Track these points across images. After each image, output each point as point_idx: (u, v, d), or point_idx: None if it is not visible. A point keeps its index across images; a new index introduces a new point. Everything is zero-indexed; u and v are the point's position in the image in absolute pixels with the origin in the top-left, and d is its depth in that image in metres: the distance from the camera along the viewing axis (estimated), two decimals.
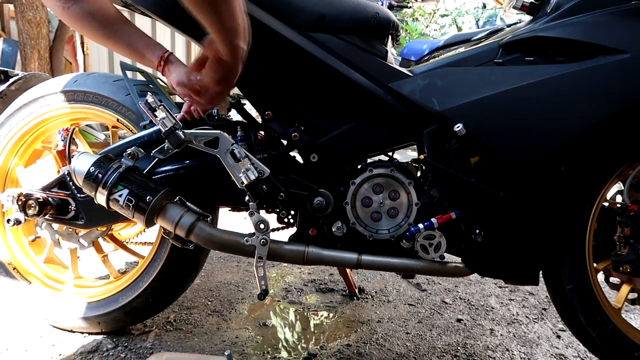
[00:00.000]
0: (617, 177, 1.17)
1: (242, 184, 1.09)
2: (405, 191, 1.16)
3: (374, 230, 1.17)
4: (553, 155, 1.05)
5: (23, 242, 1.43)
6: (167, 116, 1.09)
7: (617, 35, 1.02)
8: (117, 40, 1.13)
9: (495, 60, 1.12)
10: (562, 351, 1.47)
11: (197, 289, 1.75)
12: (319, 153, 1.19)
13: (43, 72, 3.61)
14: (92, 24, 1.11)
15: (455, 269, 1.18)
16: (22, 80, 1.55)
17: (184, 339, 1.41)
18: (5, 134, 1.36)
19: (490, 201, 1.10)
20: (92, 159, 1.10)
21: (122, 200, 1.07)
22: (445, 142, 1.15)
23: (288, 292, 1.78)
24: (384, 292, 1.83)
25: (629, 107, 1.02)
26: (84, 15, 1.10)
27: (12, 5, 3.83)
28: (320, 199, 1.16)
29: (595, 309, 1.18)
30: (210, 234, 1.15)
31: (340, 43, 1.15)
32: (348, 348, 1.42)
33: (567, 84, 1.04)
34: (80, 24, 1.12)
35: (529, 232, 1.12)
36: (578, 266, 1.17)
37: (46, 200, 1.22)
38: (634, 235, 1.13)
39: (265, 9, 1.13)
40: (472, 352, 1.43)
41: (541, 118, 1.05)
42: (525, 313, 1.72)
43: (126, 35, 1.13)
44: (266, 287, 1.16)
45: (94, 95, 1.29)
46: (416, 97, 1.12)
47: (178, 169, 1.18)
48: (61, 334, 1.40)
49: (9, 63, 4.10)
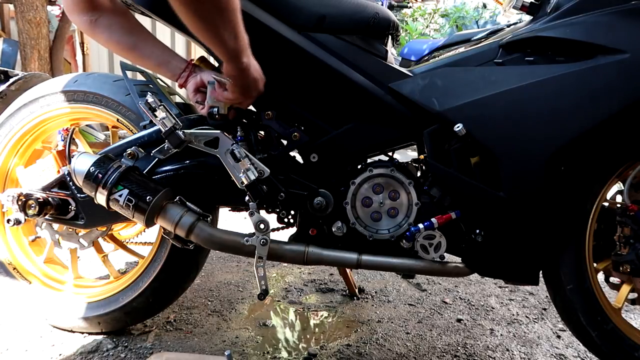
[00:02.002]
0: (617, 177, 1.17)
1: (242, 184, 1.10)
2: (405, 191, 1.16)
3: (374, 230, 1.17)
4: (553, 155, 1.06)
5: (23, 242, 1.43)
6: (167, 116, 1.09)
7: (617, 35, 1.02)
8: (143, 50, 1.15)
9: (496, 60, 1.12)
10: (562, 351, 1.47)
11: (197, 289, 1.75)
12: (319, 153, 1.19)
13: (43, 72, 3.61)
14: (119, 35, 1.13)
15: (455, 269, 1.18)
16: (22, 80, 1.55)
17: (184, 339, 1.41)
18: (5, 134, 1.36)
19: (490, 201, 1.10)
20: (92, 159, 1.10)
21: (122, 200, 1.07)
22: (445, 142, 1.15)
23: (288, 292, 1.78)
24: (384, 292, 1.83)
25: (629, 107, 1.02)
26: (111, 27, 1.11)
27: (12, 5, 3.82)
28: (320, 199, 1.16)
29: (595, 309, 1.18)
30: (210, 234, 1.15)
31: (341, 43, 1.15)
32: (348, 348, 1.42)
33: (567, 84, 1.04)
34: (109, 36, 1.13)
35: (529, 232, 1.12)
36: (578, 266, 1.17)
37: (46, 200, 1.22)
38: (634, 235, 1.13)
39: (265, 9, 1.13)
40: (472, 352, 1.43)
41: (541, 118, 1.05)
42: (525, 313, 1.72)
43: (150, 45, 1.15)
44: (266, 287, 1.16)
45: (94, 95, 1.29)
46: (416, 97, 1.12)
47: (178, 169, 1.18)
48: (61, 334, 1.40)
49: (9, 63, 4.09)
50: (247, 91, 1.08)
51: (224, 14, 0.91)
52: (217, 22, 0.92)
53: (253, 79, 1.06)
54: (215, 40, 0.95)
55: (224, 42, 0.96)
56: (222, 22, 0.92)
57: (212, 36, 0.94)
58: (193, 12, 0.89)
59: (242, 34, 0.96)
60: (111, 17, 1.12)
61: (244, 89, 1.07)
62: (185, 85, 1.17)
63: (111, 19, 1.12)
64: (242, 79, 1.05)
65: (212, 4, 0.88)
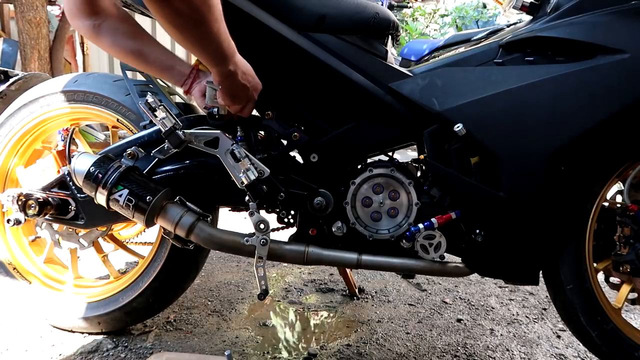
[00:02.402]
0: (617, 177, 1.17)
1: (242, 184, 1.10)
2: (405, 191, 1.16)
3: (374, 230, 1.17)
4: (553, 155, 1.06)
5: (23, 242, 1.43)
6: (167, 116, 1.09)
7: (617, 35, 1.02)
8: (147, 55, 1.12)
9: (495, 60, 1.12)
10: (562, 351, 1.47)
11: (197, 289, 1.75)
12: (319, 153, 1.19)
13: (43, 72, 3.61)
14: (123, 40, 1.10)
15: (455, 269, 1.18)
16: (22, 80, 1.55)
17: (184, 339, 1.41)
18: (5, 134, 1.36)
19: (490, 201, 1.10)
20: (92, 159, 1.10)
21: (122, 200, 1.07)
22: (445, 142, 1.15)
23: (288, 292, 1.78)
24: (384, 292, 1.83)
25: (629, 107, 1.02)
26: (115, 32, 1.09)
27: (12, 5, 3.82)
28: (320, 199, 1.16)
29: (595, 309, 1.18)
30: (210, 234, 1.15)
31: (341, 43, 1.15)
32: (348, 348, 1.42)
33: (567, 84, 1.04)
34: (112, 41, 1.10)
35: (529, 232, 1.12)
36: (578, 266, 1.17)
37: (46, 200, 1.22)
38: (634, 235, 1.13)
39: (265, 9, 1.13)
40: (472, 352, 1.43)
41: (541, 118, 1.05)
42: (525, 313, 1.72)
43: (154, 50, 1.13)
44: (266, 287, 1.16)
45: (94, 95, 1.29)
46: (416, 97, 1.12)
47: (178, 169, 1.18)
48: (61, 334, 1.40)
49: (9, 63, 4.09)
50: (236, 98, 1.08)
51: (203, 26, 0.89)
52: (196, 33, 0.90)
53: (242, 86, 1.06)
54: (197, 49, 0.94)
55: (206, 51, 0.95)
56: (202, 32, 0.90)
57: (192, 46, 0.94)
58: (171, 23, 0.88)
59: (225, 42, 0.95)
60: (115, 22, 1.09)
61: (233, 96, 1.07)
62: (190, 92, 1.16)
63: (115, 24, 1.09)
64: (229, 86, 1.04)
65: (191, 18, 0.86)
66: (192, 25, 0.88)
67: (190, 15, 0.86)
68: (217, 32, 0.92)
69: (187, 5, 0.84)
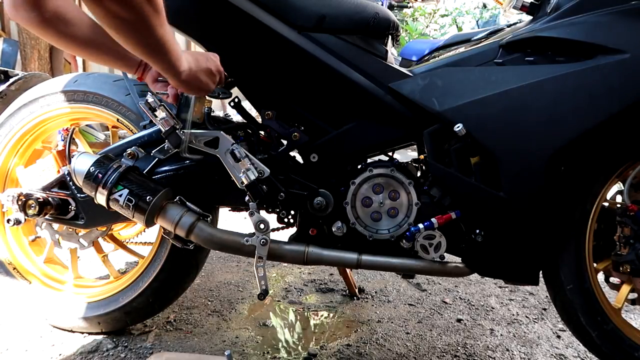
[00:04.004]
0: (617, 177, 1.17)
1: (242, 184, 1.10)
2: (405, 191, 1.16)
3: (374, 230, 1.17)
4: (553, 155, 1.05)
5: (23, 242, 1.43)
6: (167, 116, 1.09)
7: (617, 35, 1.02)
8: (100, 46, 1.03)
9: (496, 61, 1.12)
10: (562, 351, 1.47)
11: (197, 289, 1.75)
12: (319, 153, 1.19)
13: (43, 72, 3.61)
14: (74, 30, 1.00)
15: (455, 269, 1.18)
16: (22, 80, 1.55)
17: (184, 339, 1.41)
18: (5, 134, 1.36)
19: (490, 201, 1.10)
20: (92, 159, 1.10)
21: (122, 200, 1.07)
22: (445, 142, 1.15)
23: (288, 292, 1.78)
24: (384, 292, 1.83)
25: (629, 107, 1.02)
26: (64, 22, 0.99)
27: None
28: (320, 199, 1.16)
29: (595, 309, 1.18)
30: (210, 234, 1.15)
31: (341, 43, 1.15)
32: (348, 348, 1.42)
33: (567, 84, 1.04)
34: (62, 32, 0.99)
35: (529, 232, 1.12)
36: (578, 266, 1.17)
37: (46, 200, 1.22)
38: (634, 235, 1.13)
39: (265, 9, 1.13)
40: (472, 352, 1.43)
41: (541, 118, 1.05)
42: (525, 313, 1.72)
43: (107, 40, 1.00)
44: (266, 287, 1.16)
45: (94, 95, 1.29)
46: (416, 97, 1.12)
47: (178, 169, 1.18)
48: (61, 334, 1.40)
49: (9, 63, 4.09)
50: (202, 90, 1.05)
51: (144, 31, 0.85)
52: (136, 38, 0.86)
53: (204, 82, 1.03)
54: (145, 56, 0.91)
55: (154, 58, 0.91)
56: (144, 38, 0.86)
57: (141, 54, 0.90)
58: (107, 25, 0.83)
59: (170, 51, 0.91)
60: (63, 12, 0.99)
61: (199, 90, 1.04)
62: (143, 78, 1.11)
63: (63, 14, 0.99)
64: (189, 87, 1.01)
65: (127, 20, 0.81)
66: (131, 28, 0.84)
67: (127, 19, 0.81)
68: (162, 38, 0.87)
69: (122, 6, 0.79)
